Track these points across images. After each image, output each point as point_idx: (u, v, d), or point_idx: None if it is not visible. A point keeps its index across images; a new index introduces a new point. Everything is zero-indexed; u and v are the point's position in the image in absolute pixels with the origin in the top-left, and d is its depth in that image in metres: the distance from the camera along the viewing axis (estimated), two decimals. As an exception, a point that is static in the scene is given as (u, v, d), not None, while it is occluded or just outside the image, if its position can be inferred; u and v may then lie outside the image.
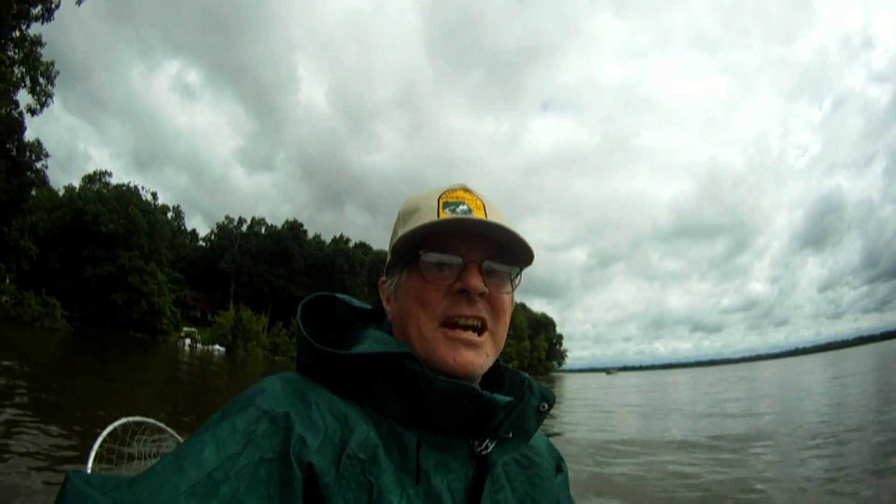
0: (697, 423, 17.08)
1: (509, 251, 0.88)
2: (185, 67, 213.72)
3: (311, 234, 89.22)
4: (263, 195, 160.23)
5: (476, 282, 0.83)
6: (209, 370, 30.47)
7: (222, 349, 58.01)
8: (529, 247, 0.87)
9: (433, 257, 0.84)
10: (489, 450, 0.83)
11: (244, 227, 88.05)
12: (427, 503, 0.74)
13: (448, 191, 0.90)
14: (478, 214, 0.86)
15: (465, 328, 0.84)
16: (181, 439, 2.63)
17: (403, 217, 0.92)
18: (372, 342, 0.83)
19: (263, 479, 0.65)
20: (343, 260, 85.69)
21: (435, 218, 0.85)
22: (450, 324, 0.83)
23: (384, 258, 0.96)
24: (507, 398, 0.82)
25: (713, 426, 14.80)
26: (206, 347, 58.24)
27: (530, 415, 0.88)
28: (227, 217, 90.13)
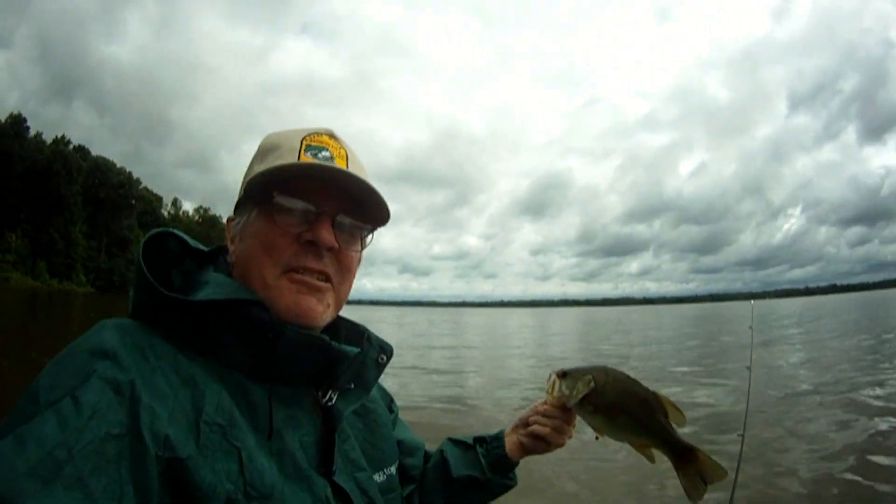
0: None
1: (365, 208, 0.86)
2: None
3: (33, 132, 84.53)
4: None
5: (327, 235, 0.81)
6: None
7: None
8: (387, 206, 0.86)
9: (286, 201, 0.80)
10: (333, 401, 0.83)
11: (-36, 118, 78.16)
12: (281, 461, 0.72)
13: (313, 133, 0.85)
14: (339, 164, 0.83)
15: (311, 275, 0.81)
16: None
17: (262, 153, 0.86)
18: (216, 287, 0.76)
19: (112, 458, 0.57)
20: (61, 165, 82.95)
21: (295, 159, 0.80)
22: (294, 271, 0.80)
23: (103, 166, 4.77)
24: (356, 349, 0.83)
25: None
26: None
27: (370, 367, 0.91)
28: (-52, 104, 75.55)
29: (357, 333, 0.92)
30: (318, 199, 0.82)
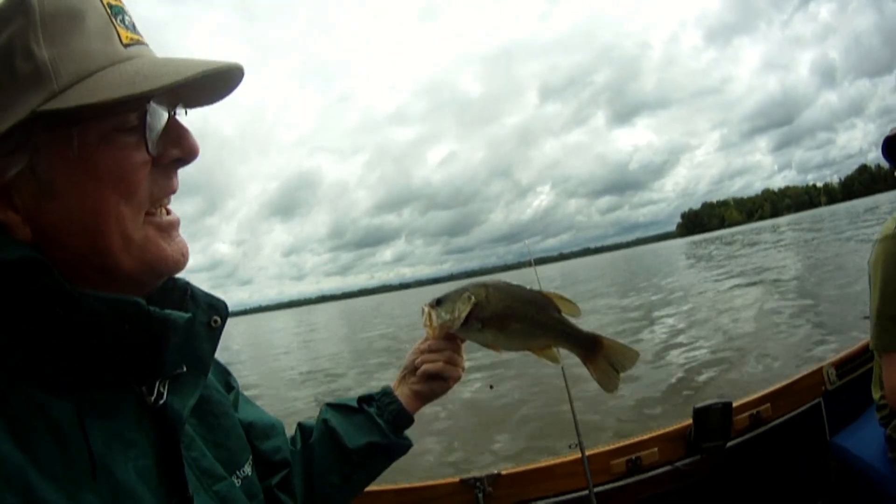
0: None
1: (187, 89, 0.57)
2: None
3: None
4: None
5: (193, 141, 0.60)
6: None
7: None
8: (241, 70, 0.59)
9: (157, 114, 0.56)
10: (164, 397, 0.59)
11: None
12: None
13: None
14: (135, 32, 0.57)
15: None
16: None
17: (46, 22, 0.50)
18: None
19: None
20: None
21: (114, 36, 0.54)
22: (150, 211, 0.57)
23: None
24: (185, 315, 0.58)
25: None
26: None
27: (201, 335, 0.65)
28: None
29: (177, 289, 0.65)
30: (160, 97, 0.57)
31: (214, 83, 0.60)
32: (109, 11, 0.55)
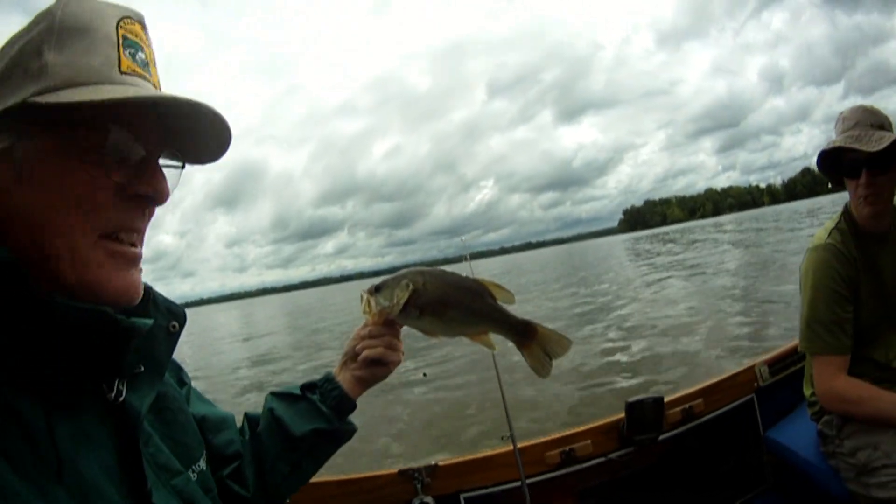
0: None
1: (184, 138, 0.65)
2: None
3: None
4: None
5: (165, 185, 0.62)
6: None
7: None
8: (228, 134, 0.65)
9: (122, 138, 0.57)
10: (123, 395, 0.61)
11: None
12: (85, 502, 0.51)
13: (128, 18, 0.61)
14: (153, 74, 0.63)
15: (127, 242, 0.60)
16: None
17: (61, 32, 0.57)
18: None
19: None
20: None
21: (115, 59, 0.58)
22: (109, 237, 0.58)
23: None
24: (149, 321, 0.63)
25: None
26: None
27: (160, 339, 0.69)
28: None
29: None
30: (140, 132, 0.60)
31: (198, 130, 0.64)
32: (121, 41, 0.59)
